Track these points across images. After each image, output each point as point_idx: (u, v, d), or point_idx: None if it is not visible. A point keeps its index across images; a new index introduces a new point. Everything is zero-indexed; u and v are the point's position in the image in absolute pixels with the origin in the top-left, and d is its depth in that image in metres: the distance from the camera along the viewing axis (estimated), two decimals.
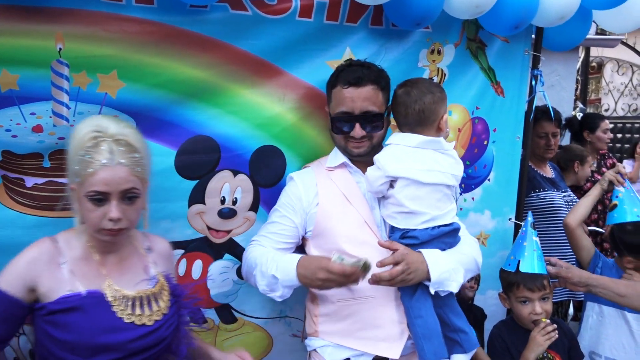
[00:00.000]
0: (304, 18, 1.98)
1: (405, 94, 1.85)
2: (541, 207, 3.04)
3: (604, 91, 9.46)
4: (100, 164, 1.41)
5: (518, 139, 2.57)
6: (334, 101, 1.91)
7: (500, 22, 2.15)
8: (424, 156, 1.82)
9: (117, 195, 1.44)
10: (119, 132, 1.47)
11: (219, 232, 2.03)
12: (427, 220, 1.79)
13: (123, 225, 1.46)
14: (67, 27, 1.63)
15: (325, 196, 1.91)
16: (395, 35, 2.18)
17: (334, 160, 1.98)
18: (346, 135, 1.89)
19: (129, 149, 1.46)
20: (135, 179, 1.47)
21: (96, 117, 1.58)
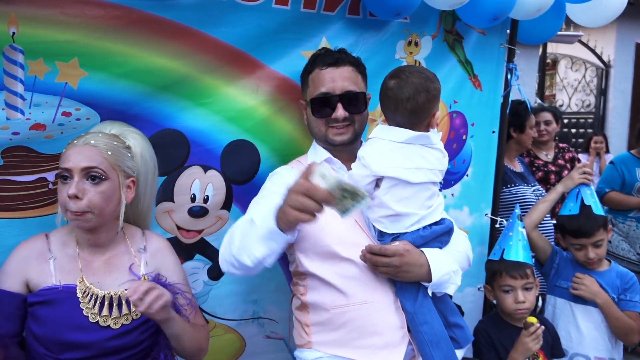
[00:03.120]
0: (280, 5, 1.88)
1: (397, 88, 1.66)
2: (514, 202, 3.05)
3: (559, 87, 9.75)
4: (72, 145, 1.46)
5: (494, 133, 2.56)
6: (311, 86, 1.80)
7: (479, 13, 2.12)
8: (411, 153, 1.67)
9: (78, 173, 1.43)
10: (115, 131, 1.52)
11: (189, 232, 1.91)
12: (416, 222, 1.68)
13: (84, 206, 1.42)
14: (21, 8, 1.46)
15: None
16: (373, 26, 2.11)
17: (315, 156, 1.85)
18: (327, 120, 1.78)
19: (109, 137, 1.49)
20: (102, 160, 1.45)
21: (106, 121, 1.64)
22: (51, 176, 1.66)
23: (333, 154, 1.83)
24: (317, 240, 1.70)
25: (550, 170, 3.73)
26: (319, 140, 1.86)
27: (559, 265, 2.49)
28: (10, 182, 1.61)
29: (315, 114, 1.80)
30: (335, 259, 1.68)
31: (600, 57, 8.76)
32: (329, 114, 1.77)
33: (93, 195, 1.44)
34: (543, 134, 3.78)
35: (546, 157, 3.79)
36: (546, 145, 3.83)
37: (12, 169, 1.60)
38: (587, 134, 9.06)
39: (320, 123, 1.80)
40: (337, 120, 1.76)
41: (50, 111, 1.59)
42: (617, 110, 8.87)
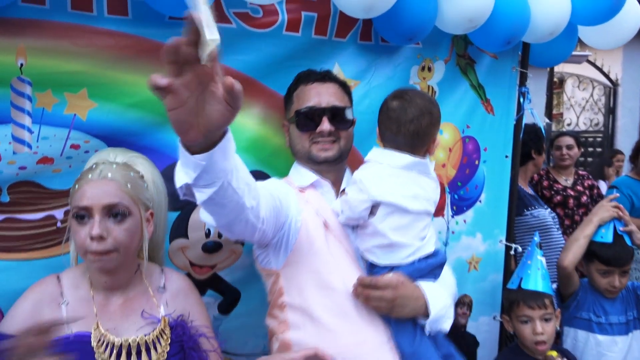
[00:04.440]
0: (291, 32, 1.85)
1: (400, 109, 1.59)
2: (535, 226, 2.99)
3: (566, 106, 9.72)
4: (86, 180, 1.34)
5: (507, 157, 2.50)
6: (296, 102, 1.74)
7: (492, 37, 2.08)
8: (409, 179, 1.59)
9: (99, 210, 1.31)
10: (121, 159, 1.42)
11: (202, 267, 1.85)
12: (411, 253, 1.57)
13: (109, 246, 1.31)
14: (30, 39, 1.44)
15: (308, 216, 1.63)
16: (385, 51, 2.08)
17: (301, 178, 1.73)
18: (312, 134, 1.69)
19: (124, 168, 1.39)
20: (124, 195, 1.35)
21: (108, 149, 1.52)
22: (59, 214, 1.61)
23: (319, 175, 1.73)
24: (312, 266, 1.57)
25: (569, 194, 3.67)
26: (301, 158, 1.75)
27: (579, 296, 2.41)
28: (16, 221, 1.55)
29: (299, 127, 1.71)
30: (326, 290, 1.55)
31: (607, 76, 8.73)
32: (314, 127, 1.69)
33: (118, 234, 1.33)
34: (565, 158, 3.76)
35: (565, 182, 3.75)
36: (566, 170, 3.80)
37: (18, 206, 1.55)
38: (596, 152, 9.00)
39: (304, 138, 1.71)
40: (322, 135, 1.68)
41: (59, 144, 1.56)
42: (626, 128, 8.81)
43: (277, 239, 1.57)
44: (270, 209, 1.45)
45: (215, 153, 1.02)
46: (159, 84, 0.85)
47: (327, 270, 1.57)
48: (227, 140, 1.04)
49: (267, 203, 1.42)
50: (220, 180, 1.09)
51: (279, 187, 1.59)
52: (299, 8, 1.83)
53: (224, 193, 1.14)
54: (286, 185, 1.68)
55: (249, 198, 1.26)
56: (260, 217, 1.38)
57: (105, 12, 1.54)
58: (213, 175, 1.07)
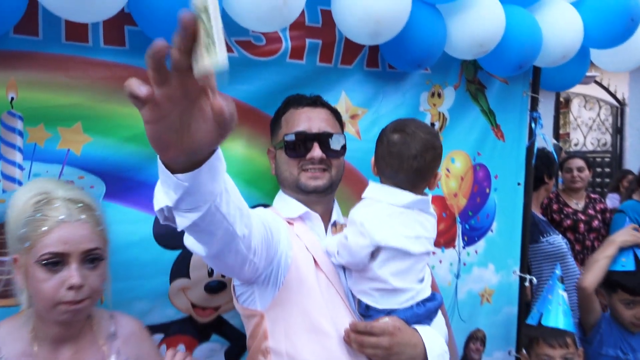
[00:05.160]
0: (295, 60, 1.79)
1: (402, 144, 1.47)
2: (551, 253, 2.88)
3: (572, 126, 9.64)
4: (57, 220, 1.20)
5: (519, 185, 2.41)
6: (284, 126, 1.63)
7: (503, 62, 2.01)
8: (410, 219, 1.47)
9: (77, 257, 1.22)
10: (69, 193, 1.28)
11: (205, 309, 1.74)
12: (411, 297, 1.46)
13: (85, 294, 1.22)
14: (21, 72, 1.38)
15: (298, 251, 1.50)
16: (393, 78, 2.01)
17: (288, 209, 1.61)
18: (301, 161, 1.58)
19: (87, 207, 1.27)
20: (98, 238, 1.27)
21: (38, 180, 1.34)
22: None
23: (307, 207, 1.60)
24: (300, 307, 1.44)
25: (580, 219, 3.57)
26: (288, 187, 1.63)
27: (603, 330, 2.29)
28: None
29: (288, 153, 1.59)
30: (316, 335, 1.42)
31: (614, 96, 8.66)
32: (304, 154, 1.58)
33: (94, 281, 1.24)
34: (576, 181, 3.67)
35: (576, 206, 3.65)
36: (577, 193, 3.70)
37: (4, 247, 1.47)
38: (604, 172, 8.88)
39: (293, 165, 1.59)
40: (313, 162, 1.57)
41: None
42: (634, 148, 8.70)
43: (265, 275, 1.43)
44: (262, 239, 1.31)
45: (201, 173, 0.86)
46: (136, 93, 0.70)
47: (318, 312, 1.44)
48: (216, 159, 0.88)
49: (259, 232, 1.29)
50: (206, 204, 0.94)
51: (268, 216, 1.45)
52: (303, 35, 1.77)
53: (211, 219, 0.99)
54: (276, 216, 1.55)
55: (241, 225, 1.11)
56: (251, 247, 1.25)
57: (102, 42, 1.48)
58: (198, 198, 0.91)
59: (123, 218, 1.57)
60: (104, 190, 1.56)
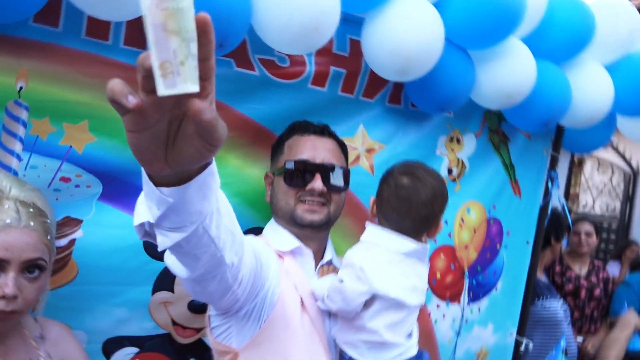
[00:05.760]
0: (316, 86, 1.74)
1: (412, 189, 1.39)
2: (545, 319, 2.77)
3: (583, 188, 9.54)
4: (2, 224, 1.11)
5: (528, 244, 2.33)
6: (287, 152, 1.54)
7: (529, 117, 1.96)
8: (408, 268, 1.39)
9: (17, 266, 1.13)
10: (23, 194, 1.19)
11: (185, 329, 1.65)
12: (400, 354, 1.37)
13: (17, 306, 1.13)
14: (34, 62, 1.32)
15: (286, 289, 1.39)
16: (413, 117, 1.96)
17: (280, 241, 1.49)
18: (300, 192, 1.48)
19: (38, 212, 1.18)
20: (44, 248, 1.18)
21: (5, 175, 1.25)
22: None
23: (301, 241, 1.50)
24: (276, 352, 1.32)
25: (582, 285, 3.47)
26: (282, 217, 1.52)
27: None
28: None
29: (287, 181, 1.49)
30: None
31: (628, 162, 8.59)
32: (304, 184, 1.48)
33: (30, 293, 1.15)
34: (583, 246, 3.58)
35: (579, 271, 3.55)
36: (582, 258, 3.60)
37: None
38: (610, 239, 8.74)
39: (290, 195, 1.49)
40: (312, 194, 1.47)
41: (48, 175, 1.42)
42: None
43: (246, 310, 1.31)
44: (250, 271, 1.21)
45: (188, 189, 0.76)
46: (122, 102, 0.61)
47: (298, 358, 1.33)
48: (209, 175, 0.77)
49: (249, 263, 1.19)
50: (193, 224, 0.83)
51: (260, 247, 1.34)
52: (329, 62, 1.72)
53: (197, 242, 0.88)
54: (267, 247, 1.44)
55: (231, 252, 1.01)
56: (238, 278, 1.14)
57: (122, 42, 1.43)
58: (184, 217, 0.81)
59: (115, 222, 1.51)
60: (100, 191, 1.50)
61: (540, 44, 1.85)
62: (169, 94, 0.58)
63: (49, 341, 1.30)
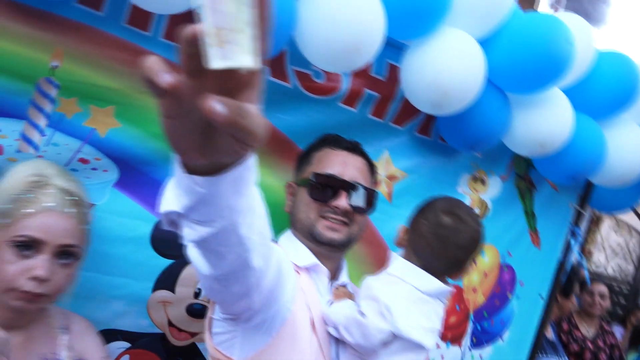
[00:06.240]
0: (347, 106, 1.71)
1: (452, 230, 1.32)
2: None
3: (598, 246, 9.34)
4: (44, 206, 1.14)
5: (541, 298, 2.26)
6: (315, 164, 1.47)
7: (559, 168, 1.91)
8: (430, 308, 1.33)
9: (52, 249, 1.14)
10: (66, 183, 1.21)
11: (181, 332, 1.61)
12: None
13: (47, 290, 1.14)
14: (71, 43, 1.32)
15: (299, 307, 1.32)
16: (440, 151, 1.92)
17: (297, 255, 1.41)
18: (322, 207, 1.41)
19: (78, 202, 1.21)
20: (80, 236, 1.21)
21: (41, 161, 1.27)
22: None
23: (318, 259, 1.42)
24: None
25: (588, 347, 3.36)
26: (301, 230, 1.45)
27: None
28: None
29: (311, 193, 1.42)
30: None
31: None
32: (328, 199, 1.40)
33: (61, 279, 1.16)
34: (595, 307, 3.49)
35: (587, 332, 3.45)
36: (591, 319, 3.50)
37: None
38: (620, 303, 8.51)
39: (313, 208, 1.42)
40: (335, 212, 1.40)
41: (67, 154, 1.41)
42: None
43: (256, 321, 1.22)
44: (272, 279, 1.13)
45: (223, 181, 0.70)
46: (156, 80, 0.54)
47: None
48: (245, 169, 0.70)
49: (273, 270, 1.11)
50: (223, 220, 0.77)
51: (283, 257, 1.24)
52: (364, 84, 1.69)
53: (225, 239, 0.82)
54: (288, 260, 1.36)
55: (258, 256, 0.93)
56: (260, 284, 1.07)
57: (161, 34, 1.42)
58: (214, 211, 0.75)
59: (126, 211, 1.49)
60: (117, 177, 1.49)
61: (581, 97, 1.80)
62: (224, 66, 0.50)
63: (72, 333, 1.30)
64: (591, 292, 3.55)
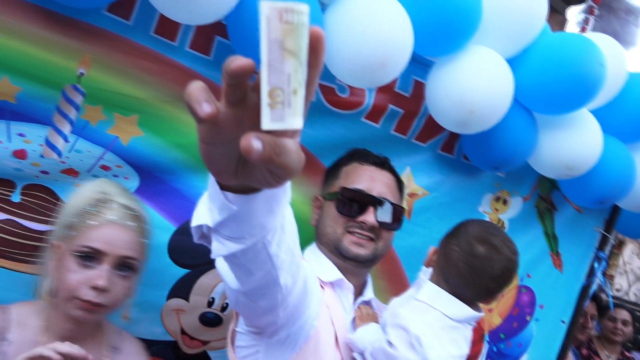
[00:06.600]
0: (370, 121, 1.69)
1: (487, 260, 1.28)
2: None
3: (619, 271, 9.12)
4: (107, 219, 1.21)
5: (563, 323, 2.19)
6: (344, 178, 1.47)
7: (586, 192, 1.86)
8: (459, 335, 1.31)
9: (113, 260, 1.20)
10: (127, 200, 1.28)
11: (193, 340, 1.62)
12: None
13: (105, 300, 1.19)
14: (99, 51, 1.32)
15: (323, 323, 1.31)
16: (463, 169, 1.89)
17: (322, 270, 1.40)
18: (349, 221, 1.40)
19: (139, 217, 1.28)
20: (140, 249, 1.26)
21: (105, 181, 1.34)
22: None
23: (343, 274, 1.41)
24: None
25: None
26: (326, 244, 1.44)
27: None
28: (17, 226, 1.40)
29: (338, 208, 1.42)
30: None
31: None
32: (355, 214, 1.40)
33: (120, 290, 1.21)
34: (617, 334, 3.39)
35: (606, 359, 3.34)
36: (612, 346, 3.41)
37: (26, 210, 1.41)
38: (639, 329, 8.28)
39: (340, 223, 1.41)
40: (362, 227, 1.40)
41: (90, 161, 1.42)
42: None
43: (279, 337, 1.22)
44: (298, 295, 1.11)
45: (255, 200, 0.69)
46: (196, 110, 0.55)
47: None
48: (280, 190, 0.71)
49: (300, 287, 1.09)
50: (253, 238, 0.77)
51: (309, 271, 1.22)
52: (388, 99, 1.68)
53: (254, 256, 0.83)
54: (314, 275, 1.35)
55: (286, 273, 0.93)
56: (286, 301, 1.06)
57: (188, 44, 1.42)
58: (245, 228, 0.75)
59: None
60: (137, 185, 1.49)
61: (611, 119, 1.76)
62: (275, 128, 0.51)
63: (123, 354, 1.32)
64: (613, 318, 3.45)
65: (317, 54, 0.53)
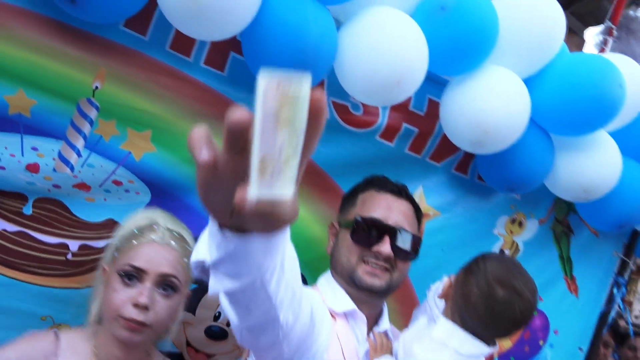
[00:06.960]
0: (384, 140, 1.68)
1: (508, 305, 1.25)
2: None
3: (638, 296, 8.90)
4: (148, 239, 1.24)
5: (580, 351, 2.12)
6: (360, 206, 1.43)
7: (604, 215, 1.82)
8: None
9: (154, 278, 1.20)
10: (173, 225, 1.30)
11: (198, 352, 1.62)
12: None
13: (148, 319, 1.18)
14: (114, 66, 1.33)
15: (333, 355, 1.28)
16: (477, 190, 1.86)
17: (335, 299, 1.38)
18: (364, 251, 1.37)
19: (182, 238, 1.29)
20: (181, 268, 1.24)
21: (155, 210, 1.36)
22: (74, 245, 1.47)
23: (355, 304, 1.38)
24: None
25: None
26: (341, 273, 1.40)
27: None
28: (29, 238, 1.41)
29: (354, 237, 1.38)
30: None
31: None
32: (370, 244, 1.36)
33: (161, 309, 1.20)
34: None
35: None
36: None
37: (37, 222, 1.41)
38: None
39: (354, 252, 1.38)
40: (377, 257, 1.36)
41: (102, 175, 1.43)
42: None
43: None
44: (303, 329, 1.08)
45: (252, 241, 0.68)
46: (195, 154, 0.55)
47: None
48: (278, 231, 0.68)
49: (304, 321, 1.07)
50: (250, 277, 0.75)
51: (317, 305, 1.22)
52: (402, 118, 1.66)
53: (253, 295, 0.80)
54: (324, 305, 1.33)
55: (287, 312, 0.92)
56: (289, 336, 1.03)
57: (202, 61, 1.43)
58: (243, 266, 0.73)
59: None
60: (149, 200, 1.50)
61: (630, 141, 1.72)
62: (262, 198, 0.50)
63: None
64: (634, 347, 3.35)
65: (316, 121, 0.52)
